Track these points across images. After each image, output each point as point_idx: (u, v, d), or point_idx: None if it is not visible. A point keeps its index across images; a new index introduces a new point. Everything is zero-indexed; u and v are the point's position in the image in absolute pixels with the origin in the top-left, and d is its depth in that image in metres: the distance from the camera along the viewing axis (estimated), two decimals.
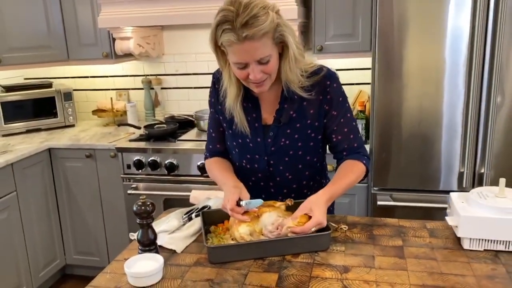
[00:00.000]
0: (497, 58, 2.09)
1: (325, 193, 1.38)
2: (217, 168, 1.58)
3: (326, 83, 1.46)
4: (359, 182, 2.18)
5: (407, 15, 2.16)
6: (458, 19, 2.10)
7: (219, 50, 1.38)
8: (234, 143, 1.56)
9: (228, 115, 1.52)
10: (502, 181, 1.30)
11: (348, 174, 1.47)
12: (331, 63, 2.89)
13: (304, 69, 1.44)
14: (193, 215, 1.51)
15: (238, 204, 1.34)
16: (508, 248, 1.26)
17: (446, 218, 1.36)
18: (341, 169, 1.50)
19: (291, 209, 1.41)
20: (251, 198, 1.39)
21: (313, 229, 1.30)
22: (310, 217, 1.32)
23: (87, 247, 3.05)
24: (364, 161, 1.51)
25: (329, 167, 1.77)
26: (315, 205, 1.33)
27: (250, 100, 1.50)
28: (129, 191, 2.76)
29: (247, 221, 1.34)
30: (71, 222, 3.02)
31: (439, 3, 2.11)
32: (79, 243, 3.05)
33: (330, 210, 1.67)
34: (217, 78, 1.57)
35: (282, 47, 1.37)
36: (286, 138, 1.49)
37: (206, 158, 1.66)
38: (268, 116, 1.51)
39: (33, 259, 2.81)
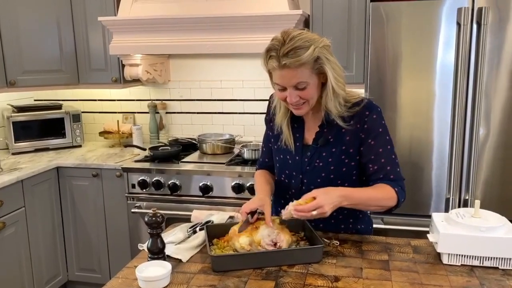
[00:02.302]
0: (479, 93, 2.27)
1: (340, 189, 1.49)
2: (259, 180, 1.74)
3: (365, 113, 1.55)
4: None
5: (398, 51, 2.35)
6: (447, 56, 2.29)
7: (270, 73, 1.54)
8: (277, 158, 1.71)
9: (276, 131, 1.69)
10: (477, 203, 1.45)
11: (373, 190, 1.53)
12: None
13: (347, 100, 1.55)
14: (197, 229, 1.65)
15: (253, 213, 1.52)
16: (482, 263, 1.40)
17: (428, 235, 1.50)
18: (375, 185, 1.55)
19: (285, 222, 1.54)
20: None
21: (314, 213, 1.38)
22: None
23: (89, 264, 3.15)
24: (397, 190, 1.52)
25: None
26: (322, 192, 1.43)
27: (297, 121, 1.65)
28: (133, 210, 2.88)
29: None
30: (75, 239, 3.13)
31: (428, 42, 2.30)
32: (82, 260, 3.16)
33: (342, 227, 1.69)
34: (272, 96, 1.73)
35: (326, 77, 1.49)
36: (320, 160, 1.60)
37: (256, 169, 1.85)
38: (309, 137, 1.64)
39: (37, 274, 2.91)
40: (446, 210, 2.42)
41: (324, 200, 1.40)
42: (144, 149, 3.22)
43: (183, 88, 3.45)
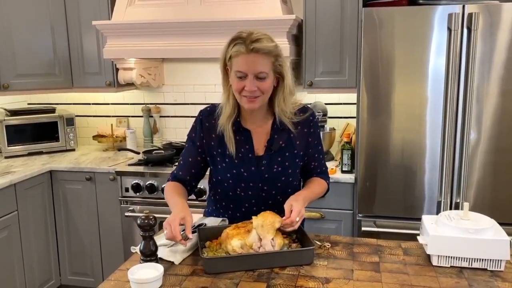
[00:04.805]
0: (469, 98, 2.30)
1: (301, 194, 1.63)
2: (172, 192, 1.68)
3: (310, 118, 1.71)
4: (342, 209, 2.59)
5: (391, 56, 2.38)
6: (439, 61, 2.32)
7: (225, 70, 1.59)
8: (229, 175, 1.69)
9: (218, 147, 1.67)
10: (466, 205, 1.47)
11: (315, 187, 1.74)
12: (322, 97, 3.10)
13: (293, 107, 1.66)
14: None
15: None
16: (471, 265, 1.42)
17: (418, 237, 1.52)
18: (312, 181, 1.76)
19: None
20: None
21: (297, 219, 1.50)
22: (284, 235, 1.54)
23: (82, 268, 3.14)
24: (328, 182, 1.80)
25: None
26: (294, 201, 1.55)
27: (242, 134, 1.66)
28: (126, 214, 2.89)
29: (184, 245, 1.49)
30: (68, 243, 3.12)
31: (420, 47, 2.33)
32: (75, 263, 3.15)
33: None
34: (205, 116, 1.71)
35: (278, 81, 1.58)
36: (278, 165, 1.67)
37: (168, 181, 1.77)
38: (259, 147, 1.67)
39: (29, 279, 2.90)
40: (438, 213, 2.43)
41: (299, 205, 1.53)
42: (138, 153, 3.22)
43: (177, 92, 3.46)
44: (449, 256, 1.42)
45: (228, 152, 1.66)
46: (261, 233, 1.46)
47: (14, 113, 3.29)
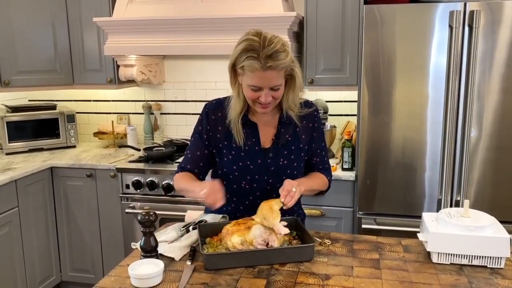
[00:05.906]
0: (470, 95, 2.29)
1: (298, 179, 1.65)
2: (186, 179, 1.69)
3: (314, 113, 1.74)
4: (343, 206, 2.57)
5: (392, 54, 2.37)
6: (440, 59, 2.31)
7: (233, 70, 1.59)
8: (235, 167, 1.70)
9: (225, 139, 1.68)
10: (466, 202, 1.47)
11: (315, 180, 1.76)
12: (322, 95, 3.09)
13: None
14: (190, 228, 1.66)
15: None
16: (471, 262, 1.42)
17: (418, 234, 1.52)
18: (311, 174, 1.78)
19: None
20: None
21: (294, 189, 1.52)
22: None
23: (83, 264, 3.14)
24: (329, 178, 1.81)
25: None
26: (286, 181, 1.57)
27: (249, 127, 1.67)
28: (126, 210, 2.89)
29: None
30: (69, 239, 3.13)
31: (421, 44, 2.32)
32: (75, 260, 3.15)
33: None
34: (212, 109, 1.73)
35: (287, 79, 1.59)
36: (284, 158, 1.68)
37: (176, 173, 1.77)
38: (266, 140, 1.69)
39: (30, 275, 2.90)
40: (438, 211, 2.44)
41: (289, 180, 1.57)
42: (139, 150, 3.23)
43: (178, 89, 3.46)
44: (449, 253, 1.42)
45: (234, 145, 1.67)
46: (268, 222, 1.47)
47: (15, 109, 3.29)
